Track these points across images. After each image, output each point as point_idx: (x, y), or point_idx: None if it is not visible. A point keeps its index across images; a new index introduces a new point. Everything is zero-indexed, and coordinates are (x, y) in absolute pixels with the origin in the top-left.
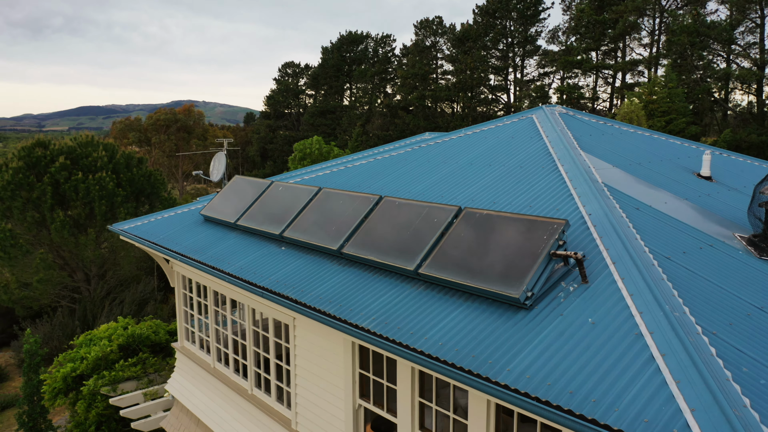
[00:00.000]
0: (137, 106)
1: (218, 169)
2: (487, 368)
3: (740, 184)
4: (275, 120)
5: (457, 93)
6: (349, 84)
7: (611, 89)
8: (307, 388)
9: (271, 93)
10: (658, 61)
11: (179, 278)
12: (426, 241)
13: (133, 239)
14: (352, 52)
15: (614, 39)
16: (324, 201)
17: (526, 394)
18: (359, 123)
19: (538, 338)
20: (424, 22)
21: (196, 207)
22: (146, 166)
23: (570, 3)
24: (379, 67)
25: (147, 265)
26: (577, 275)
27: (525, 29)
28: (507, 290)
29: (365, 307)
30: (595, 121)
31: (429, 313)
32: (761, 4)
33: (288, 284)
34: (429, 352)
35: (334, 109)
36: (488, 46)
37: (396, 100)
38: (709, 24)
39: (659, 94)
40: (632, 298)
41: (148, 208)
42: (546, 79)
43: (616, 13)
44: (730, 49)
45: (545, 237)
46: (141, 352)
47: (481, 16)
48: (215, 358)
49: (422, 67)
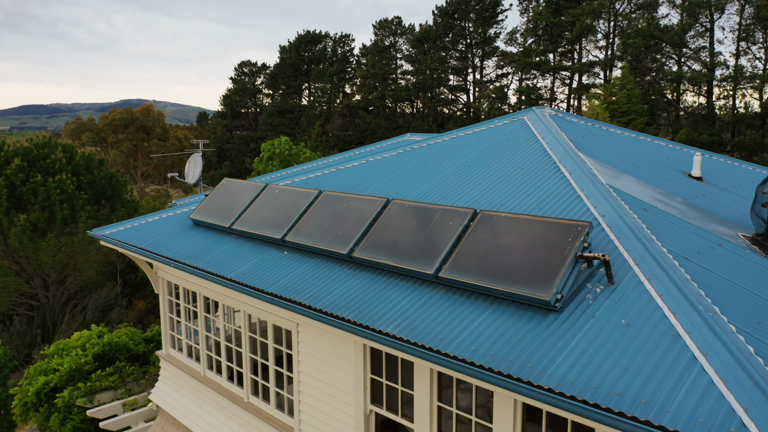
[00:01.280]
0: (84, 105)
1: (194, 171)
2: (527, 372)
3: (728, 184)
4: (232, 120)
5: (417, 93)
6: (308, 83)
7: (568, 90)
8: (312, 395)
9: (227, 92)
10: (613, 63)
11: (164, 284)
12: (443, 245)
13: (117, 245)
14: (310, 51)
15: (571, 41)
16: (327, 204)
17: (572, 398)
18: (318, 123)
19: (574, 341)
20: (383, 23)
21: (182, 211)
22: (107, 167)
23: (527, 6)
24: (338, 66)
25: (108, 270)
26: (601, 277)
27: (484, 30)
28: (536, 293)
29: (386, 312)
30: (584, 123)
31: (455, 317)
32: (710, 9)
33: (298, 290)
34: (463, 356)
35: (292, 109)
36: (447, 47)
37: (355, 100)
38: (663, 28)
39: (619, 95)
40: (662, 299)
41: (109, 211)
42: (504, 80)
43: (573, 16)
44: (681, 52)
45: (570, 239)
46: (118, 361)
47: (440, 17)
48: (205, 365)
49: (382, 67)
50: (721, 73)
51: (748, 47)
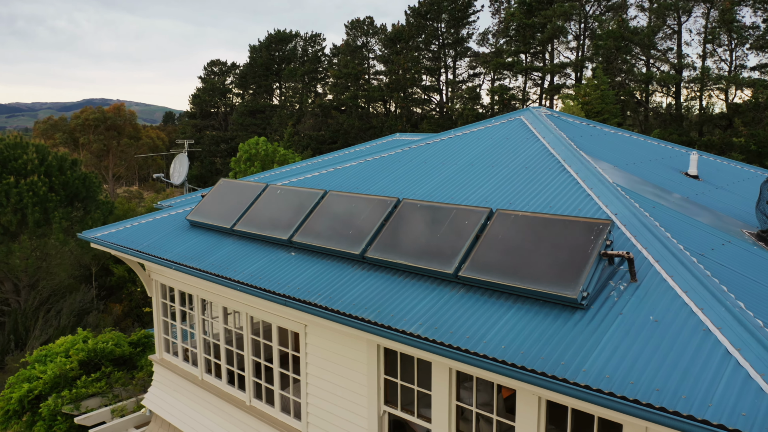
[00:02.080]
0: (44, 105)
1: (180, 171)
2: (561, 369)
3: (723, 182)
4: (201, 119)
5: (390, 93)
6: (279, 83)
7: (540, 91)
8: (321, 397)
9: (196, 92)
10: (584, 64)
11: (158, 287)
12: (461, 244)
13: (110, 247)
14: (281, 50)
15: (543, 42)
16: (333, 204)
17: (611, 394)
18: (290, 123)
19: (604, 338)
20: (354, 23)
21: (177, 212)
22: (80, 168)
23: (499, 7)
24: (309, 66)
25: (81, 274)
26: (623, 274)
27: (456, 31)
28: (562, 291)
29: (407, 312)
30: (578, 123)
31: (479, 317)
32: (678, 12)
33: (312, 291)
34: (493, 355)
35: (263, 109)
36: (420, 47)
37: (327, 100)
38: (633, 30)
39: (593, 96)
40: (688, 295)
41: (82, 213)
42: (476, 80)
43: (545, 17)
44: (650, 54)
45: (592, 237)
46: (104, 366)
47: (413, 18)
48: (203, 369)
49: (355, 67)
50: (689, 75)
51: (714, 49)
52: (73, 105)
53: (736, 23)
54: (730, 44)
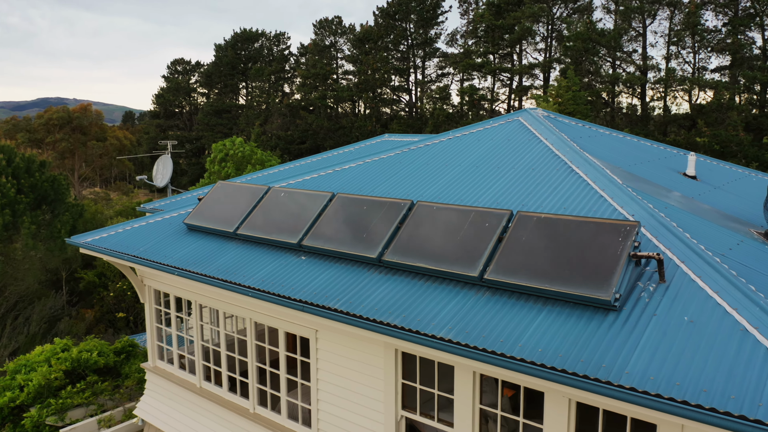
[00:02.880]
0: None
1: (163, 173)
2: (603, 372)
3: (719, 182)
4: (165, 119)
5: (359, 93)
6: (246, 82)
7: (509, 91)
8: (334, 403)
9: (160, 91)
10: (551, 65)
11: (151, 293)
12: (484, 246)
13: (103, 252)
14: (246, 49)
15: (511, 43)
16: (343, 207)
17: (658, 396)
18: (258, 122)
19: (642, 339)
20: (323, 22)
21: (171, 216)
22: (49, 169)
23: (467, 8)
24: (276, 65)
25: (48, 279)
26: (651, 275)
27: (425, 31)
28: (595, 293)
29: (434, 316)
30: (574, 124)
31: (510, 320)
32: (643, 15)
33: (330, 296)
34: (531, 359)
35: (230, 108)
36: (389, 48)
37: (295, 100)
38: (600, 31)
39: (566, 96)
40: (719, 296)
41: (51, 216)
42: (445, 80)
43: (513, 18)
44: (616, 55)
45: (620, 239)
46: (89, 375)
47: (381, 18)
48: (202, 376)
49: (323, 66)
50: (654, 76)
51: (678, 51)
52: (28, 104)
53: (700, 26)
54: (693, 47)
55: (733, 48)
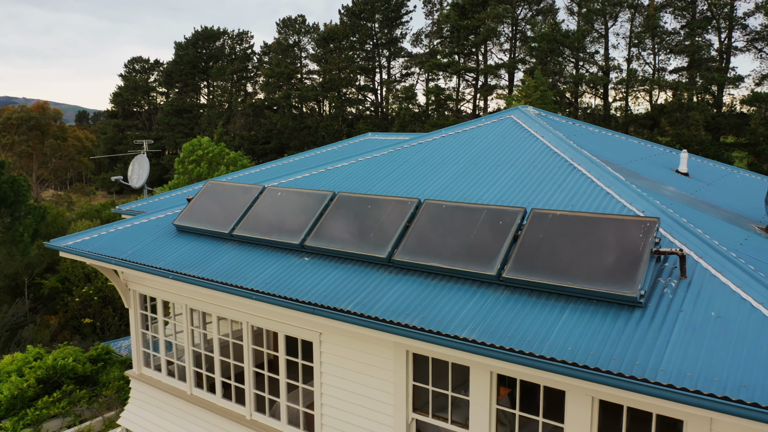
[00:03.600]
0: None
1: (139, 173)
2: (638, 369)
3: (710, 179)
4: (124, 119)
5: (324, 93)
6: (207, 81)
7: (474, 91)
8: (339, 407)
9: (118, 90)
10: (516, 65)
11: (136, 298)
12: (499, 244)
13: (87, 256)
14: (208, 48)
15: (476, 44)
16: (345, 206)
17: (697, 392)
18: (220, 122)
19: (672, 335)
20: (286, 21)
21: (158, 217)
22: (8, 170)
23: (432, 8)
24: (239, 64)
25: (8, 285)
26: (670, 271)
27: (390, 31)
28: (620, 290)
29: (453, 316)
30: (565, 122)
31: (534, 319)
32: (605, 17)
33: (340, 297)
34: (562, 358)
35: (191, 108)
36: (355, 47)
37: (258, 99)
38: (564, 33)
39: (534, 96)
40: (743, 290)
41: (11, 220)
42: (410, 80)
43: (478, 20)
44: (579, 56)
45: (641, 235)
46: (65, 384)
47: (347, 17)
48: (193, 383)
49: (287, 66)
50: (616, 77)
51: (639, 53)
52: None
53: (659, 28)
54: (653, 48)
55: (691, 50)
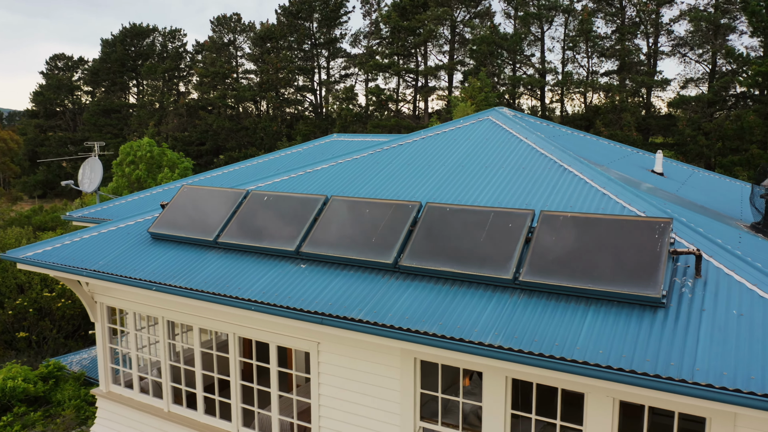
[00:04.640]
0: None
1: (91, 177)
2: (675, 370)
3: (681, 178)
4: (45, 119)
5: (261, 93)
6: (137, 80)
7: (414, 92)
8: (339, 419)
9: (38, 89)
10: (455, 67)
11: (104, 311)
12: (512, 247)
13: (50, 268)
14: (137, 45)
15: (416, 45)
16: (341, 210)
17: (737, 391)
18: (152, 123)
19: (700, 334)
20: (221, 19)
21: (127, 224)
22: None
23: (370, 9)
24: (170, 63)
25: None
26: (683, 270)
27: (328, 31)
28: (643, 291)
29: (474, 322)
30: (540, 123)
31: (558, 322)
32: (541, 21)
33: (349, 306)
34: (595, 362)
35: (119, 108)
36: (293, 47)
37: (192, 99)
38: (502, 35)
39: (479, 97)
40: (759, 288)
41: None
42: (350, 81)
43: (418, 21)
44: (516, 59)
45: (656, 236)
46: (15, 407)
47: (284, 17)
48: (170, 399)
49: (222, 65)
50: (552, 79)
51: (573, 56)
52: None
53: (593, 33)
54: (587, 51)
55: (622, 54)
